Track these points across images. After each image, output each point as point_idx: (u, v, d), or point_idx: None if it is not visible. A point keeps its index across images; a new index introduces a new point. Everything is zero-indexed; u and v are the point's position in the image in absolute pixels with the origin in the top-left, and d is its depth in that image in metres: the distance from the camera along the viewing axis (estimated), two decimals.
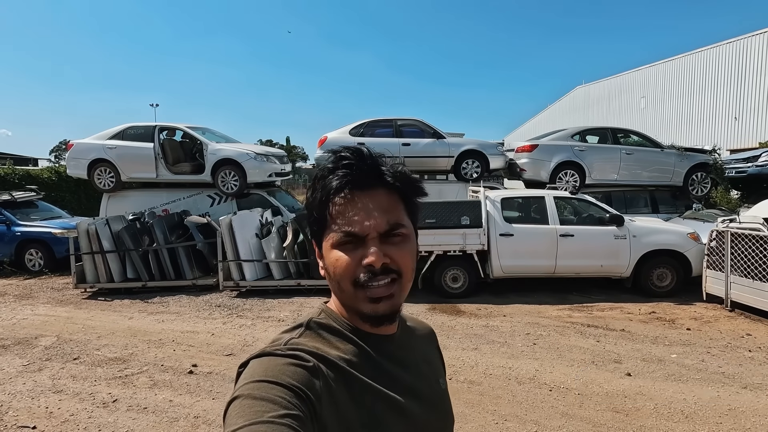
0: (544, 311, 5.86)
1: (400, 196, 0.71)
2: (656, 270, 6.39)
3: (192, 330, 5.36)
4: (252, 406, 0.56)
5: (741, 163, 9.36)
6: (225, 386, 3.82)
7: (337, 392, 0.64)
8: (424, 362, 0.81)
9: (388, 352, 0.73)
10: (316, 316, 0.73)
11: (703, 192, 8.78)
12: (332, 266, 0.69)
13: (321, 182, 0.70)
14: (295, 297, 6.73)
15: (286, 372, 0.61)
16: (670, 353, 4.35)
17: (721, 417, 3.17)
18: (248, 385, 0.60)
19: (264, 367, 0.62)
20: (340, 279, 0.68)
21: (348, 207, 0.68)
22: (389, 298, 0.68)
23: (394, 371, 0.72)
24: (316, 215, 0.71)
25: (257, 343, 4.86)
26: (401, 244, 0.69)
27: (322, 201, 0.69)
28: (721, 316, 5.52)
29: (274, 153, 9.36)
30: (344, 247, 0.68)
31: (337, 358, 0.67)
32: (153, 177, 9.01)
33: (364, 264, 0.66)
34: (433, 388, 0.79)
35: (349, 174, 0.68)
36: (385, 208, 0.69)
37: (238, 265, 7.01)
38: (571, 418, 3.19)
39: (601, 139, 8.96)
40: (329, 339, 0.70)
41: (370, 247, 0.67)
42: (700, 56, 19.61)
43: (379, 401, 0.68)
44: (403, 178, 0.72)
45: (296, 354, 0.64)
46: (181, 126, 9.27)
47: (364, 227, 0.67)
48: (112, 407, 3.50)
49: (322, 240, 0.71)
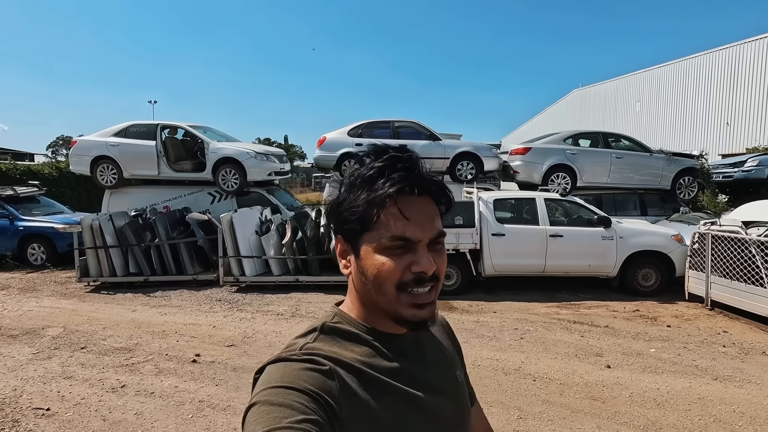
0: (533, 308, 6.10)
1: (438, 205, 0.72)
2: (641, 270, 6.64)
3: (194, 322, 5.56)
4: (270, 412, 0.57)
5: (728, 168, 9.66)
6: (227, 374, 4.04)
7: (356, 394, 0.64)
8: (439, 356, 0.81)
9: (403, 350, 0.73)
10: (330, 320, 0.73)
11: (690, 196, 9.05)
12: (376, 269, 0.67)
13: (369, 181, 0.68)
14: (293, 293, 6.94)
15: (303, 377, 0.62)
16: (649, 348, 4.60)
17: (690, 405, 3.42)
18: (265, 391, 0.60)
19: (280, 373, 0.63)
20: (384, 282, 0.67)
21: (403, 211, 0.66)
22: (431, 305, 0.69)
23: (411, 369, 0.72)
24: (362, 215, 0.68)
25: (257, 335, 5.07)
26: (441, 251, 0.71)
27: (372, 202, 0.67)
28: (701, 314, 5.78)
29: (273, 152, 9.56)
30: (392, 251, 0.67)
31: (354, 360, 0.67)
32: (155, 174, 9.19)
33: (415, 271, 0.66)
34: (449, 381, 0.79)
35: (406, 177, 0.67)
36: (432, 216, 0.69)
37: (238, 261, 7.22)
38: (551, 405, 3.43)
39: (593, 143, 9.22)
40: (344, 342, 0.70)
41: (423, 254, 0.67)
42: (693, 62, 19.93)
43: (399, 399, 0.68)
44: (444, 188, 0.72)
45: (312, 358, 0.65)
46: (182, 124, 9.45)
47: (417, 233, 0.67)
48: (121, 392, 3.70)
49: (361, 240, 0.69)
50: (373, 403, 0.65)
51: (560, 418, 3.24)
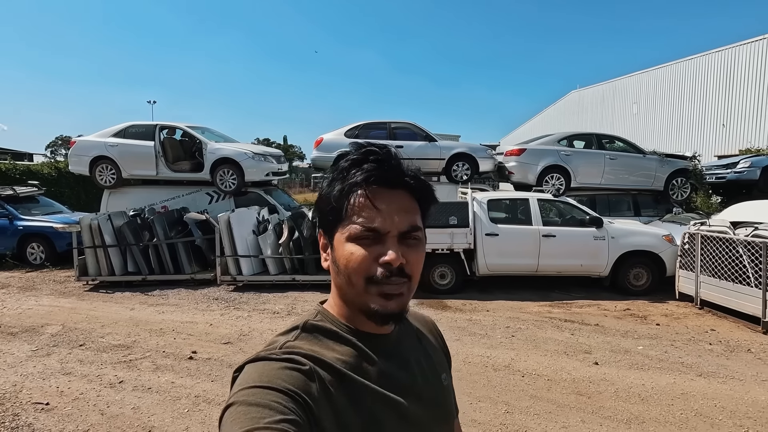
0: (525, 307, 6.19)
1: (417, 200, 0.71)
2: (633, 270, 6.74)
3: (191, 320, 5.65)
4: (248, 412, 0.56)
5: (721, 170, 9.77)
6: (223, 371, 4.12)
7: (335, 395, 0.64)
8: (424, 358, 0.79)
9: (385, 352, 0.72)
10: (312, 318, 0.72)
11: (682, 196, 9.15)
12: (345, 259, 0.67)
13: (343, 173, 0.69)
14: (289, 291, 7.03)
15: (281, 376, 0.61)
16: (637, 345, 4.69)
17: (673, 400, 3.51)
18: (243, 392, 0.59)
19: (259, 372, 0.62)
20: (353, 273, 0.67)
21: (371, 202, 0.66)
22: (399, 297, 0.68)
23: (393, 371, 0.71)
24: (334, 205, 0.68)
25: (253, 333, 5.16)
26: (416, 247, 0.69)
27: (343, 192, 0.68)
28: (690, 313, 5.88)
29: (271, 153, 9.65)
30: (361, 241, 0.66)
31: (334, 361, 0.66)
32: (153, 174, 9.28)
33: (382, 262, 0.66)
34: (433, 385, 0.78)
35: (376, 169, 0.67)
36: (406, 209, 0.68)
37: (235, 261, 7.30)
38: (538, 400, 3.52)
39: (587, 144, 9.32)
40: (325, 341, 0.69)
41: (389, 245, 0.66)
42: (689, 64, 20.06)
43: (378, 403, 0.67)
44: (422, 183, 0.72)
45: (291, 358, 0.64)
46: (181, 125, 9.54)
47: (385, 224, 0.66)
48: (119, 387, 3.79)
49: (335, 231, 0.69)
50: (352, 405, 0.65)
51: (546, 412, 3.33)
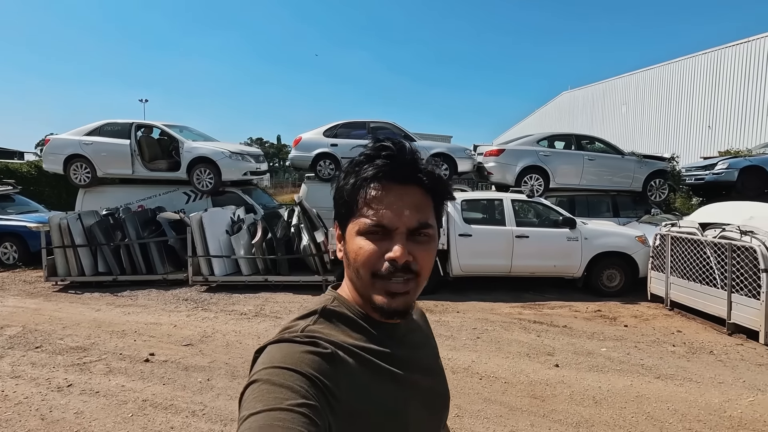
0: (497, 308, 6.15)
1: (431, 196, 0.71)
2: (606, 271, 6.73)
3: (156, 322, 5.55)
4: (271, 391, 0.57)
5: (700, 171, 9.81)
6: (177, 373, 4.04)
7: (356, 378, 0.65)
8: (427, 342, 0.84)
9: (398, 337, 0.74)
10: (330, 303, 0.73)
11: (660, 197, 9.17)
12: (354, 253, 0.69)
13: (357, 167, 0.70)
14: (261, 292, 6.95)
15: (305, 360, 0.62)
16: (601, 347, 4.66)
17: (627, 402, 3.48)
18: (267, 370, 0.60)
19: (283, 354, 0.63)
20: (360, 267, 0.68)
21: (381, 197, 0.67)
22: (404, 295, 0.68)
23: (406, 354, 0.74)
24: (347, 199, 0.70)
25: (216, 335, 5.08)
26: (426, 243, 0.69)
27: (355, 186, 0.69)
28: (660, 314, 5.87)
29: (249, 152, 9.55)
30: (370, 236, 0.67)
31: (353, 345, 0.68)
32: (129, 173, 9.16)
33: (387, 258, 0.66)
34: (437, 365, 0.83)
35: (388, 165, 0.68)
36: (417, 206, 0.68)
37: (207, 261, 7.21)
38: (491, 403, 3.47)
39: (566, 145, 9.32)
40: (342, 326, 0.70)
41: (397, 242, 0.66)
42: (676, 66, 20.18)
43: (398, 384, 0.70)
44: (437, 179, 0.71)
45: (314, 341, 0.65)
46: (158, 124, 9.43)
47: (394, 221, 0.67)
48: (66, 391, 3.70)
49: (347, 224, 0.71)
50: (372, 387, 0.66)
51: (497, 416, 3.28)
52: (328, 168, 9.22)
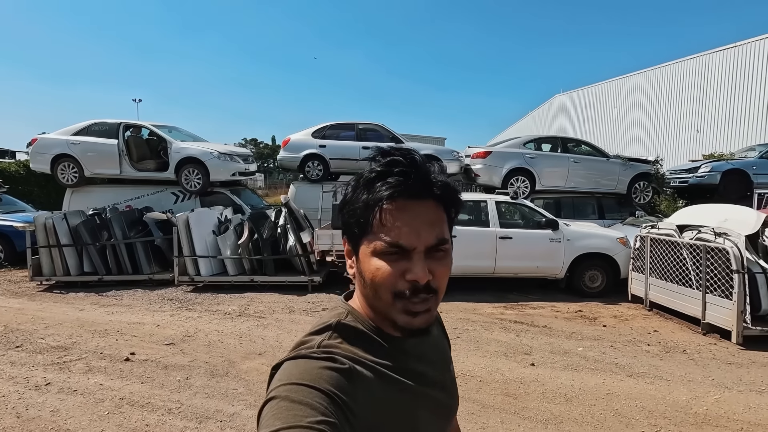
0: (480, 308, 6.22)
1: (444, 208, 0.70)
2: (588, 272, 6.83)
3: (139, 321, 5.57)
4: (290, 408, 0.57)
5: (684, 174, 9.98)
6: (156, 372, 4.07)
7: (372, 393, 0.65)
8: (439, 352, 0.83)
9: (411, 350, 0.74)
10: (344, 318, 0.72)
11: (645, 200, 9.31)
12: (371, 274, 0.67)
13: (368, 184, 0.68)
14: (247, 293, 6.97)
15: (323, 376, 0.61)
16: (578, 347, 4.74)
17: (597, 400, 3.55)
18: (285, 387, 0.60)
19: (300, 370, 0.62)
20: (379, 288, 0.67)
21: (397, 217, 0.65)
22: (426, 313, 0.68)
23: (419, 367, 0.74)
24: (360, 218, 0.68)
25: (199, 334, 5.10)
26: (443, 259, 0.68)
27: (369, 205, 0.66)
28: (639, 314, 5.97)
29: (238, 153, 9.58)
30: (387, 257, 0.66)
31: (368, 360, 0.68)
32: (117, 173, 9.16)
33: (409, 279, 0.65)
34: (449, 375, 0.82)
35: (402, 182, 0.65)
36: (432, 222, 0.67)
37: (193, 261, 7.23)
38: (465, 401, 3.53)
39: (552, 147, 9.43)
40: (357, 341, 0.70)
41: (416, 262, 0.65)
42: (665, 70, 20.43)
43: (409, 395, 0.70)
44: (450, 190, 0.70)
45: (331, 357, 0.64)
46: (146, 124, 9.44)
47: (412, 240, 0.65)
48: (44, 389, 3.71)
49: (361, 243, 0.69)
50: (389, 402, 0.66)
51: (469, 413, 3.35)
52: (316, 169, 9.27)
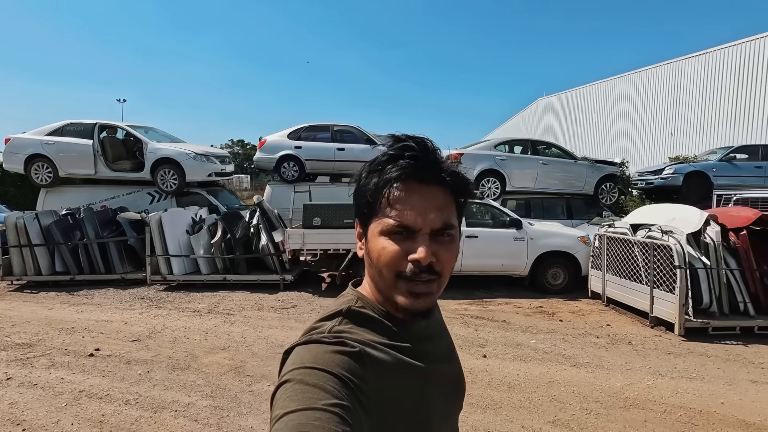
0: (445, 305, 6.42)
1: (454, 196, 0.71)
2: (551, 269, 7.09)
3: (107, 319, 5.64)
4: (304, 391, 0.58)
5: (650, 176, 10.34)
6: (119, 366, 4.17)
7: (383, 375, 0.66)
8: (443, 332, 0.85)
9: (420, 332, 0.75)
10: (354, 304, 0.74)
11: (611, 201, 9.63)
12: (377, 253, 0.69)
13: (380, 167, 0.70)
14: (220, 291, 7.08)
15: (335, 360, 0.62)
16: (531, 340, 4.97)
17: (538, 387, 3.76)
18: (298, 371, 0.61)
19: (312, 354, 0.63)
20: (383, 267, 0.68)
21: (405, 198, 0.67)
22: (427, 296, 0.69)
23: (426, 347, 0.75)
24: (369, 199, 0.70)
25: (165, 331, 5.20)
26: (449, 244, 0.69)
27: (379, 186, 0.69)
28: (596, 310, 6.23)
29: (215, 153, 9.66)
30: (394, 236, 0.68)
31: (378, 343, 0.69)
32: (92, 174, 9.17)
33: (411, 259, 0.66)
34: (454, 353, 0.85)
35: (412, 165, 0.68)
36: (440, 206, 0.68)
37: (166, 260, 7.30)
38: None
39: (523, 149, 9.70)
40: (367, 326, 0.71)
41: (420, 243, 0.66)
42: (641, 75, 20.99)
43: (420, 376, 0.71)
44: (459, 178, 0.71)
45: (342, 341, 0.65)
46: (122, 124, 9.47)
47: (418, 221, 0.67)
48: (4, 384, 3.79)
49: (370, 223, 0.71)
50: (399, 381, 0.68)
51: None
52: (292, 170, 9.40)
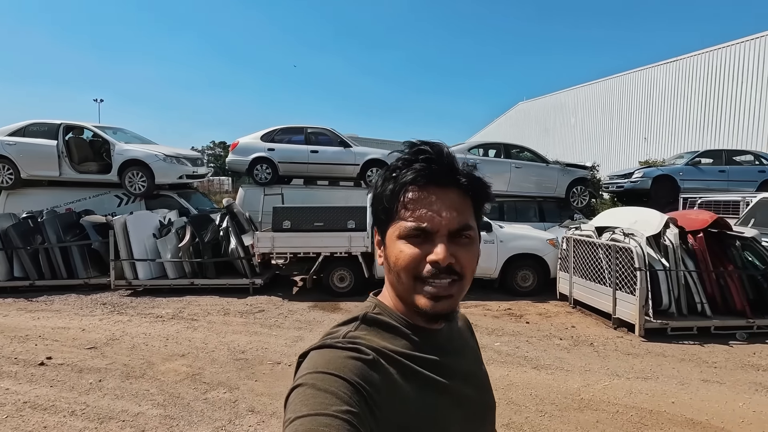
0: None
1: (471, 198, 0.71)
2: (520, 272, 7.16)
3: (65, 326, 5.45)
4: (315, 396, 0.58)
5: (621, 179, 10.58)
6: (69, 376, 4.02)
7: (397, 385, 0.65)
8: (470, 349, 0.84)
9: (440, 344, 0.74)
10: (371, 311, 0.73)
11: (582, 204, 9.81)
12: (395, 257, 0.68)
13: (395, 172, 0.70)
14: (187, 296, 6.92)
15: (348, 366, 0.62)
16: (496, 342, 4.99)
17: (497, 390, 3.67)
18: (311, 375, 0.61)
19: (326, 359, 0.63)
20: (401, 271, 0.68)
21: (421, 201, 0.67)
22: (448, 298, 0.68)
23: (448, 362, 0.73)
24: (386, 204, 0.70)
25: (125, 338, 5.05)
26: (468, 245, 0.69)
27: (394, 191, 0.68)
28: (563, 311, 6.31)
29: (186, 155, 9.47)
30: (411, 240, 0.67)
31: (395, 352, 0.68)
32: (56, 175, 8.89)
33: (430, 260, 0.66)
34: (481, 372, 0.83)
35: (426, 168, 0.68)
36: (457, 208, 0.68)
37: (131, 264, 7.11)
38: None
39: (496, 153, 9.81)
40: (384, 333, 0.70)
41: (438, 244, 0.66)
42: (616, 81, 21.51)
43: (439, 392, 0.69)
44: (476, 180, 0.71)
45: (356, 347, 0.65)
46: (88, 125, 9.21)
47: (435, 223, 0.66)
48: None
49: (387, 229, 0.71)
50: (414, 394, 0.66)
51: None
52: (265, 172, 9.29)
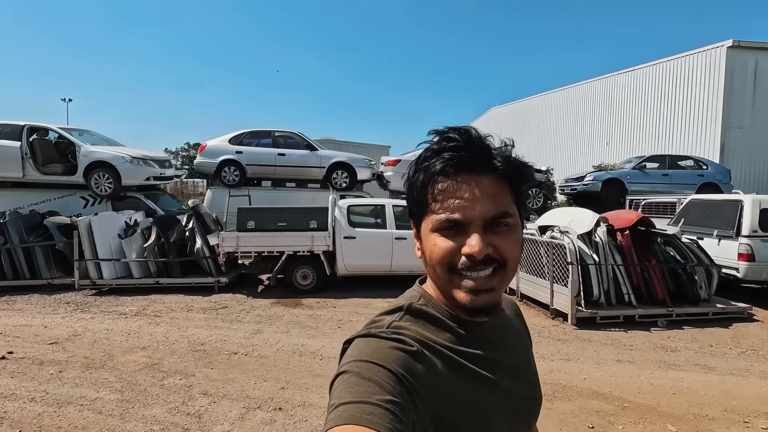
0: (373, 303, 6.78)
1: (509, 182, 0.67)
2: None
3: (26, 324, 5.58)
4: (360, 384, 0.58)
5: (574, 182, 11.25)
6: (31, 368, 4.20)
7: (440, 377, 0.64)
8: (517, 340, 0.81)
9: (485, 336, 0.72)
10: (416, 301, 0.72)
11: (537, 205, 10.40)
12: (429, 251, 0.67)
13: (425, 163, 0.68)
14: (152, 294, 7.09)
15: (392, 356, 0.61)
16: None
17: None
18: (356, 363, 0.61)
19: (371, 348, 0.63)
20: (436, 264, 0.66)
21: (451, 191, 0.64)
22: (489, 291, 0.65)
23: (493, 355, 0.71)
24: (417, 197, 0.68)
25: (87, 333, 5.23)
26: (507, 233, 0.66)
27: (424, 183, 0.66)
28: None
29: (153, 157, 9.59)
30: (445, 232, 0.65)
31: (438, 344, 0.67)
32: (19, 177, 8.88)
33: (464, 252, 0.63)
34: (526, 365, 0.80)
35: (455, 157, 0.65)
36: (492, 195, 0.65)
37: (96, 264, 7.23)
38: (318, 377, 4.02)
39: None
40: (428, 325, 0.69)
41: (473, 235, 0.63)
42: (579, 89, 22.51)
43: (483, 386, 0.68)
44: (513, 163, 0.68)
45: (401, 338, 0.64)
46: (53, 126, 9.23)
47: (467, 214, 0.64)
48: None
49: (421, 223, 0.69)
50: (458, 387, 0.65)
51: (316, 386, 3.83)
52: (233, 174, 9.50)
